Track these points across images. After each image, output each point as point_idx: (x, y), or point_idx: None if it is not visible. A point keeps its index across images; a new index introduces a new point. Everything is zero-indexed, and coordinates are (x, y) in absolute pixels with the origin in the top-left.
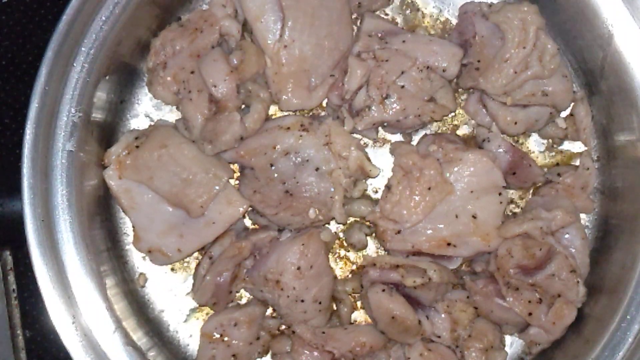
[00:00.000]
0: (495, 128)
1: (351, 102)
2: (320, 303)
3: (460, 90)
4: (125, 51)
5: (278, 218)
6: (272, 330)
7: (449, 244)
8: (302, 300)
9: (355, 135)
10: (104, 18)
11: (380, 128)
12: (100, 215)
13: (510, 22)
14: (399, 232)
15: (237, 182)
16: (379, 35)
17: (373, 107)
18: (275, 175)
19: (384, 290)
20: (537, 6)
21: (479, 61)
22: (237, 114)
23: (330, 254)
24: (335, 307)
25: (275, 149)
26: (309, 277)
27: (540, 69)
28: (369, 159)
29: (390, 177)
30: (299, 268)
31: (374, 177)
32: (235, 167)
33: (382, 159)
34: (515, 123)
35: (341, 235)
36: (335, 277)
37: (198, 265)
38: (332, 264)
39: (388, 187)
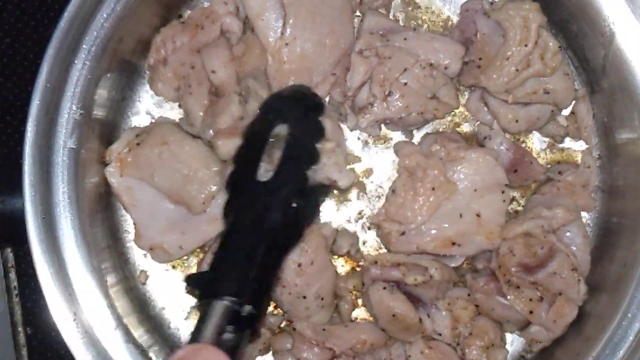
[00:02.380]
0: (497, 126)
1: (353, 100)
2: (322, 299)
3: (461, 87)
4: (126, 49)
5: None
6: (273, 327)
7: (453, 244)
8: (305, 297)
9: (358, 131)
10: (105, 15)
11: (382, 125)
12: (102, 212)
13: (512, 20)
14: (403, 233)
15: None
16: (380, 32)
17: (376, 104)
18: None
19: (384, 288)
20: (539, 4)
21: (480, 59)
22: (235, 95)
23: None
24: (336, 305)
25: None
26: (311, 273)
27: (541, 66)
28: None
29: (396, 178)
30: (299, 265)
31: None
32: None
33: (383, 157)
34: (517, 121)
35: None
36: (336, 273)
37: (201, 261)
38: (334, 262)
39: (393, 190)
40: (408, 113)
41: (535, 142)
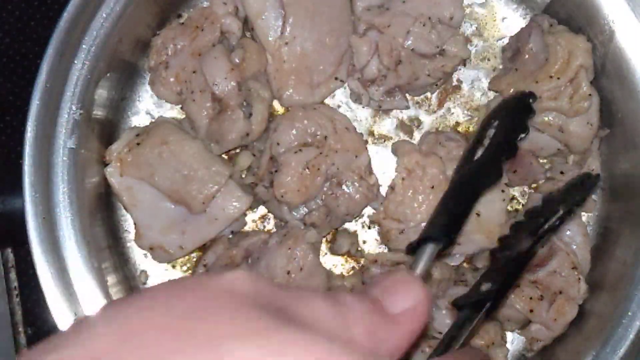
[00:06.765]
0: None
1: (362, 77)
2: None
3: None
4: (125, 49)
5: None
6: None
7: None
8: None
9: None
10: (104, 15)
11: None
12: (102, 212)
13: (558, 49)
14: (402, 231)
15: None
16: (377, 5)
17: (388, 75)
18: None
19: None
20: (592, 46)
21: (516, 70)
22: (239, 112)
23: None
24: None
25: None
26: (300, 279)
27: (566, 105)
28: None
29: (395, 177)
30: (288, 272)
31: None
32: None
33: (383, 156)
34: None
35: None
36: (330, 274)
37: (199, 259)
38: (334, 261)
39: (392, 187)
40: (416, 77)
41: None
